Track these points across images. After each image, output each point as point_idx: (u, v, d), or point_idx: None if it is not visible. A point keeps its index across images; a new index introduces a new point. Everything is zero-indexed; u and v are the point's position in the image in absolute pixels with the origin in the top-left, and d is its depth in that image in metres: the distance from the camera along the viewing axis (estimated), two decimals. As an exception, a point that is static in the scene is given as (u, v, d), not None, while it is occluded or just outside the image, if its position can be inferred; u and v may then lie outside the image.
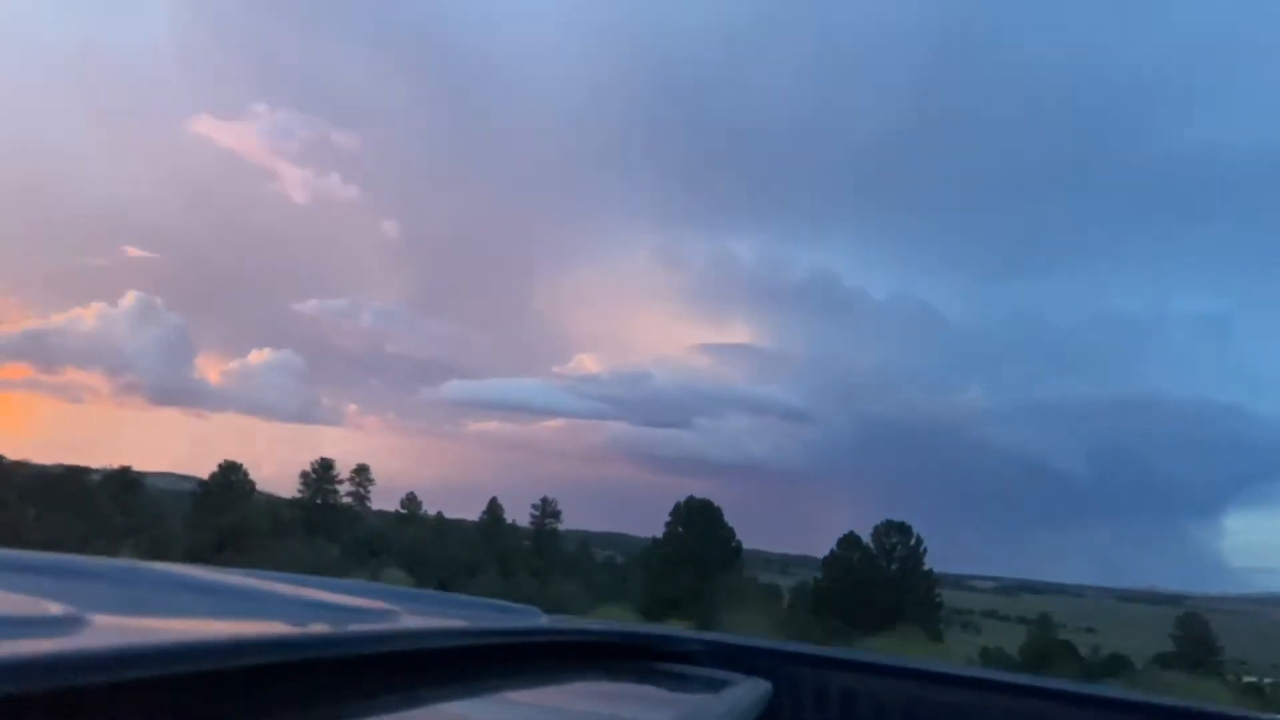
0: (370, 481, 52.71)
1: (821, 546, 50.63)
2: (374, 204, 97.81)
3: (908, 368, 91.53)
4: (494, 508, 53.07)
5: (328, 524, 48.09)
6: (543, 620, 1.87)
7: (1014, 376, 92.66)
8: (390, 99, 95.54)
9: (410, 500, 52.71)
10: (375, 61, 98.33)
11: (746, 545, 50.65)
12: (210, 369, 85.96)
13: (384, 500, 62.40)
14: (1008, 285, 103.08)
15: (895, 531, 48.74)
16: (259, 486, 49.35)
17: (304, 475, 50.80)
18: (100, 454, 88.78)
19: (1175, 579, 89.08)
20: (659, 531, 42.84)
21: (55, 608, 1.05)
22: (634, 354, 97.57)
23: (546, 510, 51.55)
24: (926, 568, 48.75)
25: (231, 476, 49.08)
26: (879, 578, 47.06)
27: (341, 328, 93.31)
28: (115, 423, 78.93)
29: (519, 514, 53.05)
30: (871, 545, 48.28)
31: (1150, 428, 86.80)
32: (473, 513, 53.92)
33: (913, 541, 48.67)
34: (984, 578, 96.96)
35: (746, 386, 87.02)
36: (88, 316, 73.30)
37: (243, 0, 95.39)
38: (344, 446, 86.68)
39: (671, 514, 42.07)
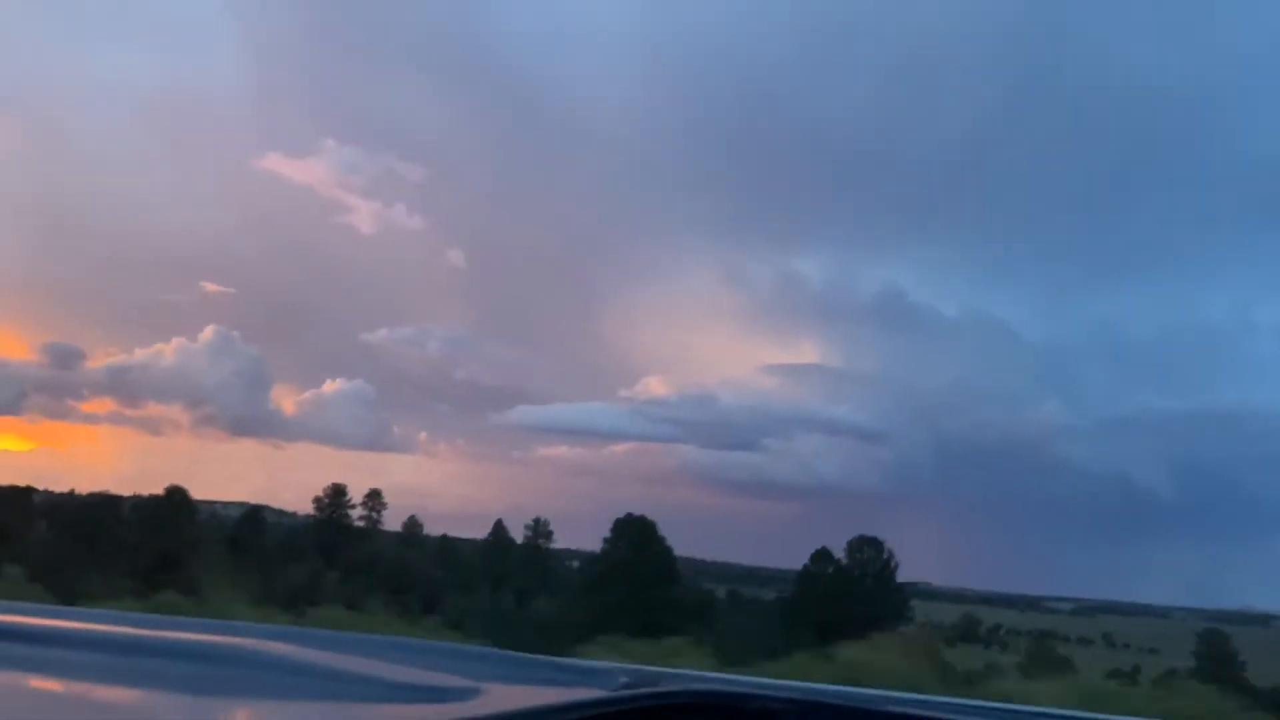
0: (383, 505, 56.96)
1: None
2: (439, 233, 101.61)
3: (982, 385, 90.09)
4: (499, 529, 56.60)
5: (334, 546, 52.40)
6: (623, 679, 1.80)
7: (1093, 391, 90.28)
8: (453, 129, 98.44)
9: (412, 522, 56.81)
10: (437, 92, 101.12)
11: (792, 566, 51.04)
12: (285, 399, 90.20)
13: (448, 525, 65.28)
14: (1085, 298, 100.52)
15: (867, 546, 49.64)
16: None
17: (316, 500, 55.42)
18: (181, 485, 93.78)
19: (1269, 598, 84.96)
20: (730, 556, 45.06)
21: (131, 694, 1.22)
22: (701, 376, 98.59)
23: (539, 530, 54.58)
24: (899, 581, 49.65)
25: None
26: (852, 591, 48.01)
27: (410, 356, 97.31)
28: (195, 454, 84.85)
29: (582, 539, 55.76)
30: (844, 559, 49.42)
31: (1237, 441, 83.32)
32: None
33: (885, 555, 49.51)
34: (1062, 599, 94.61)
35: (816, 407, 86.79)
36: (168, 351, 76.66)
37: (309, 39, 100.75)
38: (415, 474, 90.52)
39: (611, 530, 44.48)
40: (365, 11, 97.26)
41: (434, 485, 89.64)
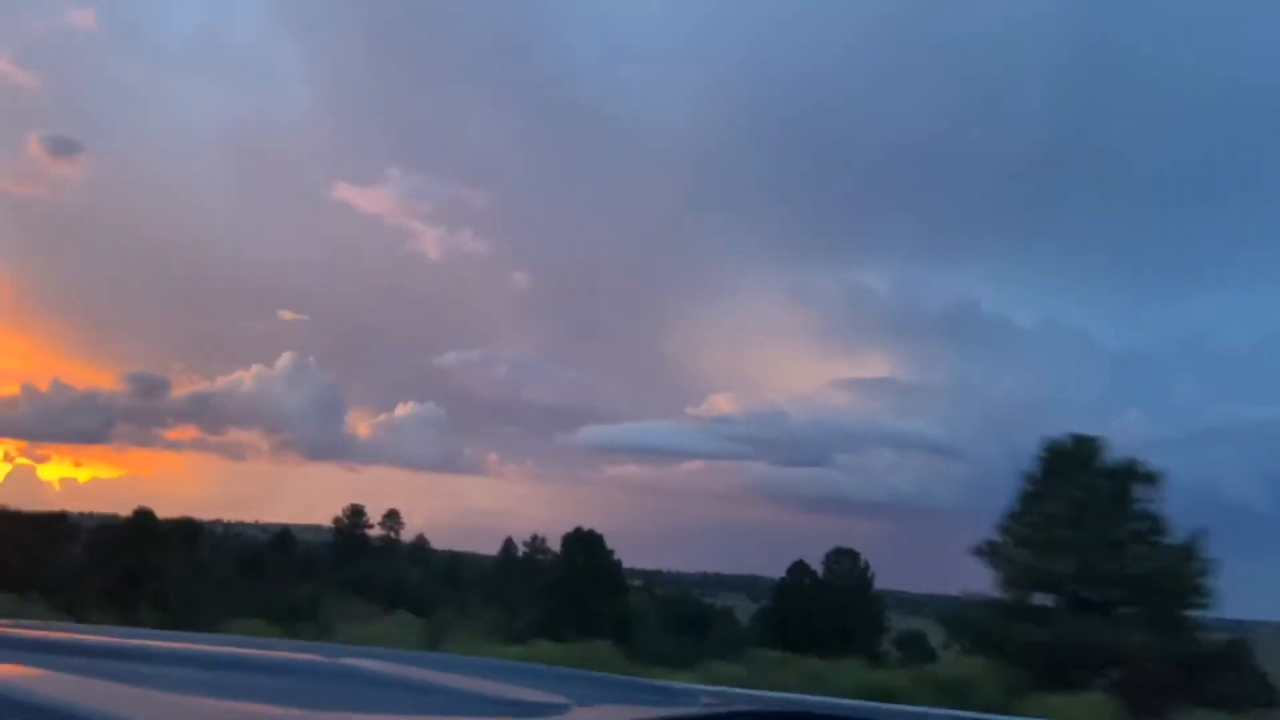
0: (400, 525, 60.09)
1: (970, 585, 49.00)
2: (504, 257, 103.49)
3: (1060, 396, 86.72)
4: (509, 546, 58.93)
5: (344, 564, 55.74)
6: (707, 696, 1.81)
7: (1178, 401, 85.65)
8: (515, 153, 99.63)
9: (420, 540, 59.75)
10: (499, 117, 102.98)
11: (884, 586, 50.15)
12: (360, 423, 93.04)
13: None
14: (1167, 305, 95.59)
15: (843, 557, 49.37)
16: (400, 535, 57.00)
17: (336, 520, 58.96)
18: (260, 510, 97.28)
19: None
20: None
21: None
22: (769, 392, 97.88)
23: (536, 547, 56.53)
24: (874, 591, 48.99)
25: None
26: (826, 603, 47.94)
27: (478, 378, 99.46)
28: (273, 478, 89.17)
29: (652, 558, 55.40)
30: (820, 571, 49.28)
31: (1339, 450, 77.86)
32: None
33: (861, 565, 49.08)
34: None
35: (888, 422, 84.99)
36: (248, 378, 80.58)
37: (372, 70, 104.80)
38: (486, 495, 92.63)
39: (562, 543, 45.99)
40: (426, 40, 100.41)
41: (504, 506, 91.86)
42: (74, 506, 69.25)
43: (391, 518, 59.94)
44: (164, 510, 70.94)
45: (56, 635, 2.20)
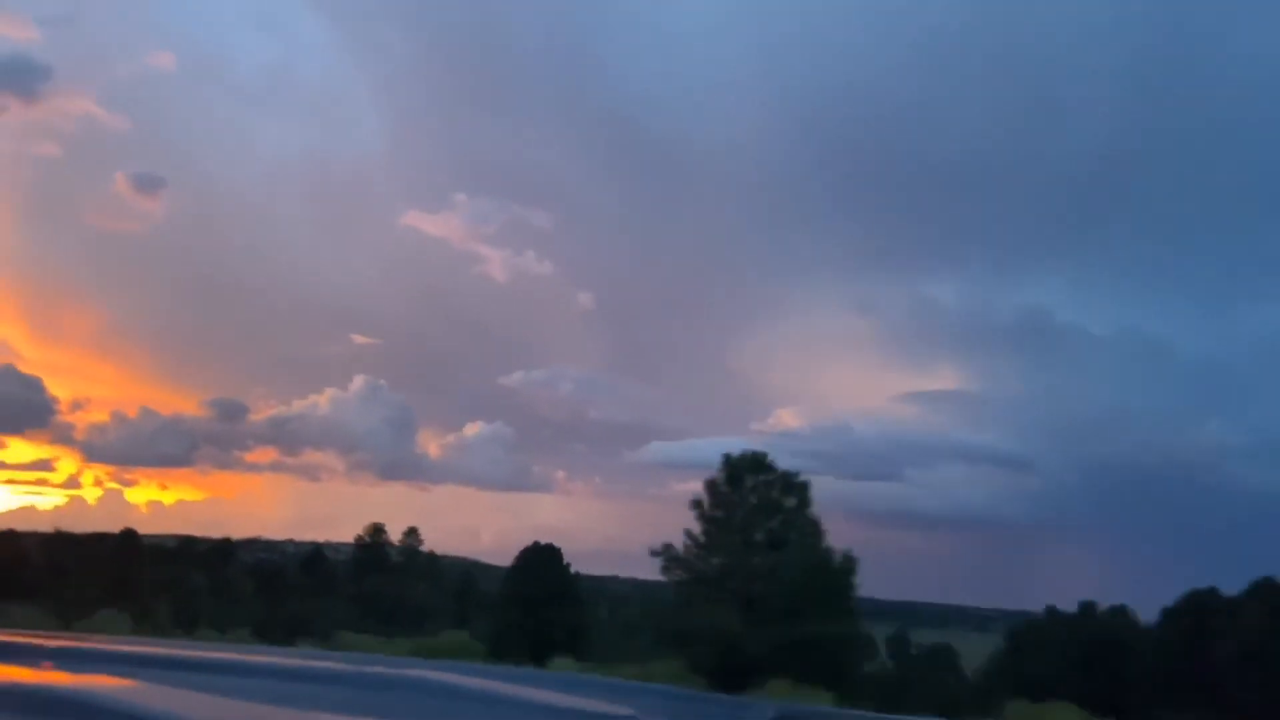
0: (420, 541, 64.75)
1: (1047, 600, 48.98)
2: (568, 277, 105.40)
3: (1137, 406, 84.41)
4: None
5: (355, 579, 60.67)
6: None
7: (1263, 410, 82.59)
8: (577, 173, 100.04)
9: (430, 556, 64.34)
10: (561, 138, 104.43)
11: (952, 601, 48.66)
12: (430, 443, 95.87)
13: (590, 564, 65.00)
14: (1250, 310, 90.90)
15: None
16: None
17: (358, 537, 63.96)
18: (339, 529, 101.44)
19: None
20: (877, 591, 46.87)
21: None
22: (835, 406, 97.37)
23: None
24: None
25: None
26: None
27: (545, 397, 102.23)
28: (348, 498, 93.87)
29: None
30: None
31: None
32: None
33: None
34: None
35: (958, 434, 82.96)
36: (323, 401, 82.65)
37: (437, 97, 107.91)
38: (555, 513, 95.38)
39: (518, 557, 49.33)
40: (487, 65, 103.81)
41: (573, 524, 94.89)
42: (160, 529, 73.71)
43: (410, 534, 64.53)
44: (241, 531, 76.88)
45: (138, 649, 3.45)
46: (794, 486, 21.62)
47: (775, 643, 19.96)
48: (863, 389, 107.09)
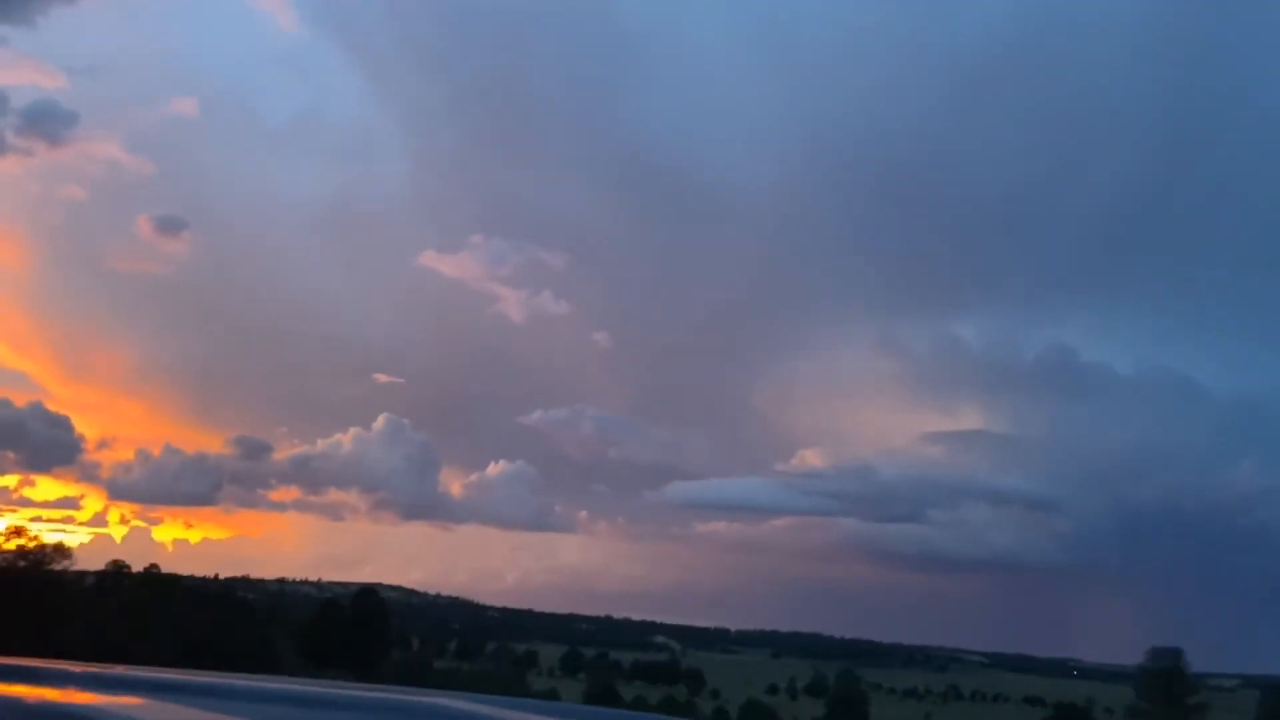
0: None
1: (1075, 647, 48.89)
2: (584, 316, 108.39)
3: (1166, 447, 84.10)
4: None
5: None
6: None
7: None
8: (593, 213, 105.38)
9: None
10: (578, 181, 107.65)
11: (967, 646, 48.13)
12: (453, 483, 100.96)
13: (611, 606, 60.07)
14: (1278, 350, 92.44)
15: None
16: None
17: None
18: (359, 570, 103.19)
19: None
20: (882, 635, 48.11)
21: None
22: (858, 447, 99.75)
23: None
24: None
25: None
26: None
27: (565, 437, 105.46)
28: (371, 538, 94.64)
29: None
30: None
31: None
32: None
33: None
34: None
35: (983, 475, 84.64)
36: (346, 440, 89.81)
37: (457, 142, 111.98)
38: (578, 553, 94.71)
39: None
40: (507, 107, 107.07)
41: (596, 565, 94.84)
42: (186, 568, 77.57)
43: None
44: (262, 572, 77.78)
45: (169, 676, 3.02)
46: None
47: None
48: (887, 429, 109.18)
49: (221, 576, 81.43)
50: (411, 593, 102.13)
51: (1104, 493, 79.00)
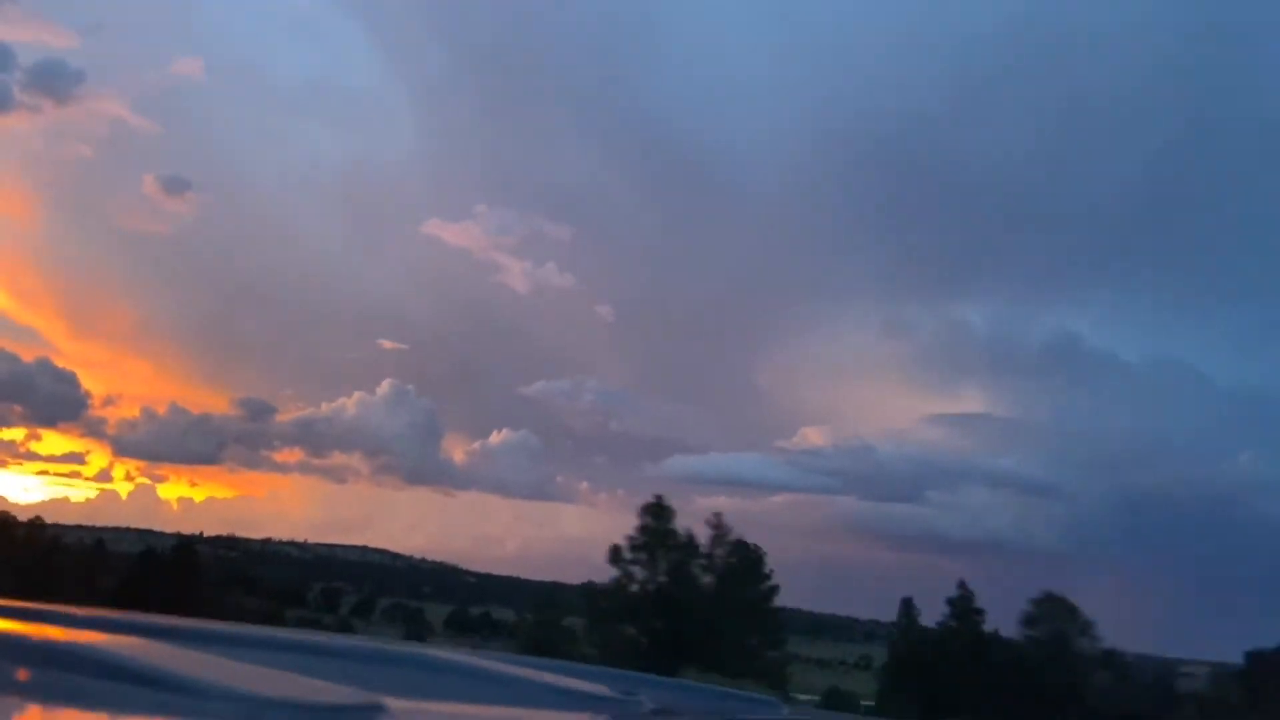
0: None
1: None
2: (588, 289, 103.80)
3: (1168, 435, 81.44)
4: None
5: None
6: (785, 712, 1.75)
7: None
8: (599, 187, 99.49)
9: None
10: (584, 155, 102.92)
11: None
12: (456, 449, 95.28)
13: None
14: None
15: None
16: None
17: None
18: (362, 533, 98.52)
19: None
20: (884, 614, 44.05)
21: (358, 695, 1.27)
22: (860, 426, 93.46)
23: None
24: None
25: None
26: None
27: (567, 408, 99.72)
28: (373, 500, 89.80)
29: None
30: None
31: None
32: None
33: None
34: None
35: (983, 458, 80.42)
36: (350, 404, 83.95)
37: (465, 109, 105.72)
38: (580, 524, 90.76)
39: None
40: (516, 77, 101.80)
41: (594, 536, 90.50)
42: (191, 527, 76.12)
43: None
44: (269, 532, 71.96)
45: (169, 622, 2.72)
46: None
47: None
48: (888, 410, 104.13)
49: (207, 534, 75.18)
50: (396, 556, 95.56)
51: (1104, 480, 73.64)
